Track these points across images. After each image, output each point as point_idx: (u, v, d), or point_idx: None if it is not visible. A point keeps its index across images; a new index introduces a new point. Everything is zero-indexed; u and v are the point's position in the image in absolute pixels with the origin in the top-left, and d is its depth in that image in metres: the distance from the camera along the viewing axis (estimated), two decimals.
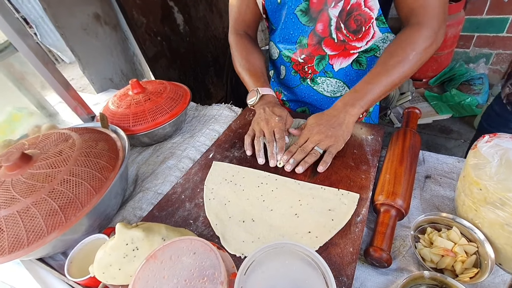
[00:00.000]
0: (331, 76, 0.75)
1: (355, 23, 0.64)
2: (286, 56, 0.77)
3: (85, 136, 0.60)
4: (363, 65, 0.71)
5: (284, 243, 0.27)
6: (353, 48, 0.68)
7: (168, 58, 1.69)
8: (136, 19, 1.42)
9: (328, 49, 0.69)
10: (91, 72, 1.25)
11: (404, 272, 0.44)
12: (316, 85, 0.78)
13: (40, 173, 0.50)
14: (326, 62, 0.72)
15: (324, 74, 0.75)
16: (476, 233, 0.44)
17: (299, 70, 0.77)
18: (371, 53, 0.69)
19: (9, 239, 0.45)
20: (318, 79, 0.76)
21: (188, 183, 0.62)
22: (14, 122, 0.86)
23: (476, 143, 0.47)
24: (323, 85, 0.77)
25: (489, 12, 1.80)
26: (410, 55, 0.58)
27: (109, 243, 0.42)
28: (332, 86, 0.76)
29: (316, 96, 0.80)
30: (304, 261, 0.27)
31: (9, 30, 0.62)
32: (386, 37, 0.67)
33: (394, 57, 0.59)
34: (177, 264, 0.26)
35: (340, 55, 0.70)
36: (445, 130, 1.68)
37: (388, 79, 0.59)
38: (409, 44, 0.58)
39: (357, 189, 0.53)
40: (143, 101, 0.74)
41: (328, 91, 0.78)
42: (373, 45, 0.68)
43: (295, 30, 0.70)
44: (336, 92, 0.78)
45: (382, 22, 0.64)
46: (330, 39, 0.68)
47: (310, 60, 0.73)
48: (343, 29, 0.65)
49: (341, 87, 0.76)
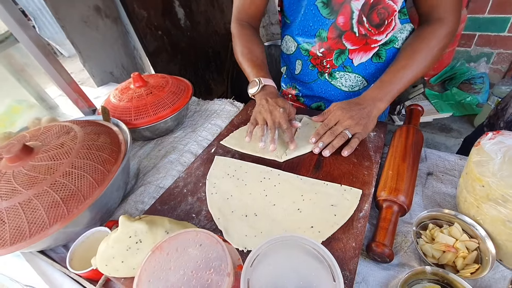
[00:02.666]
0: (350, 71, 0.73)
1: (378, 16, 0.63)
2: (304, 50, 0.75)
3: (87, 129, 0.59)
4: (383, 58, 0.70)
5: (290, 236, 0.27)
6: (374, 42, 0.67)
7: (168, 53, 1.68)
8: (137, 13, 1.41)
9: (348, 43, 0.68)
10: (92, 65, 1.24)
11: (405, 267, 0.44)
12: (334, 80, 0.77)
13: (41, 165, 0.49)
14: (346, 56, 0.71)
15: (343, 68, 0.73)
16: (477, 230, 0.44)
17: (317, 64, 0.76)
18: (390, 45, 0.68)
19: (10, 230, 0.44)
20: (336, 73, 0.75)
21: (190, 177, 0.61)
22: (13, 115, 0.86)
23: (480, 140, 0.47)
24: (341, 79, 0.76)
25: (491, 11, 1.79)
26: (435, 49, 0.60)
27: (112, 235, 0.42)
28: (351, 81, 0.75)
29: (334, 91, 0.79)
30: (310, 254, 0.27)
31: (10, 20, 0.61)
32: (404, 27, 0.66)
33: (419, 52, 0.60)
34: (183, 256, 0.26)
35: (360, 49, 0.69)
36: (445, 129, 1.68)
37: (413, 73, 0.60)
38: (433, 39, 0.60)
39: (359, 185, 0.53)
40: (145, 94, 0.74)
41: (346, 86, 0.77)
42: (392, 37, 0.67)
43: (315, 22, 0.68)
44: (354, 87, 0.76)
45: (404, 14, 0.64)
46: (351, 33, 0.66)
47: (329, 54, 0.72)
48: (365, 23, 0.64)
49: (359, 81, 0.75)
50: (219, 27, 2.03)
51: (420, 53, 0.60)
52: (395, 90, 0.61)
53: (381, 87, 0.61)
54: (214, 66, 2.10)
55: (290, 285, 0.24)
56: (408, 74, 0.60)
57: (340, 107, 0.62)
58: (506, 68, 1.92)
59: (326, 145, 0.60)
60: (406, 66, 0.60)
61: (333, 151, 0.60)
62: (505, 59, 1.90)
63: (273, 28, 2.52)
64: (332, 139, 0.60)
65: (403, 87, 0.61)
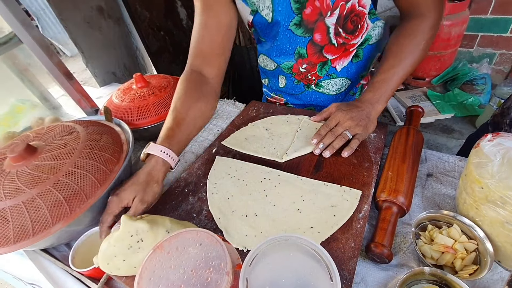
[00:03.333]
0: (335, 77, 0.75)
1: (352, 24, 0.64)
2: (286, 68, 0.76)
3: (89, 129, 0.60)
4: (360, 56, 0.72)
5: (288, 236, 0.28)
6: (352, 46, 0.69)
7: (170, 53, 1.69)
8: (139, 13, 1.42)
9: (329, 54, 0.70)
10: (94, 65, 1.25)
11: (404, 268, 0.45)
12: (321, 88, 0.78)
13: (45, 165, 0.50)
14: (329, 66, 0.72)
15: (328, 77, 0.75)
16: (476, 231, 0.44)
17: (302, 79, 0.77)
18: (365, 44, 0.70)
19: (14, 229, 0.45)
20: (322, 82, 0.76)
21: (191, 177, 0.62)
22: (17, 114, 0.87)
23: (479, 142, 0.48)
24: (328, 86, 0.77)
25: (493, 12, 1.79)
26: (421, 44, 0.60)
27: (114, 234, 0.42)
28: (337, 85, 0.77)
29: (322, 97, 0.81)
30: (308, 254, 0.27)
31: (14, 21, 0.62)
32: (376, 24, 0.68)
33: (405, 48, 0.61)
34: (183, 255, 0.26)
35: (341, 56, 0.71)
36: (447, 130, 1.67)
37: (404, 70, 0.61)
38: (418, 34, 0.61)
39: (359, 186, 0.54)
40: (147, 95, 0.74)
41: (333, 90, 0.78)
42: (366, 36, 0.69)
43: (291, 43, 0.69)
44: (341, 89, 0.78)
45: (373, 14, 0.65)
46: (330, 46, 0.68)
47: (312, 68, 0.73)
48: (342, 33, 0.66)
49: (345, 83, 0.77)
50: None
51: (406, 49, 0.61)
52: (389, 90, 0.62)
53: (375, 89, 0.62)
54: None
55: (288, 284, 0.25)
56: (399, 72, 0.61)
57: (340, 108, 0.62)
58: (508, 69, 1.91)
59: (327, 146, 0.61)
60: (395, 65, 0.61)
61: (334, 152, 0.60)
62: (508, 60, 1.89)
63: None
64: (333, 140, 0.61)
65: (396, 85, 0.62)
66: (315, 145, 0.61)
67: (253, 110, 0.82)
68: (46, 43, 0.68)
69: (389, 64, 0.62)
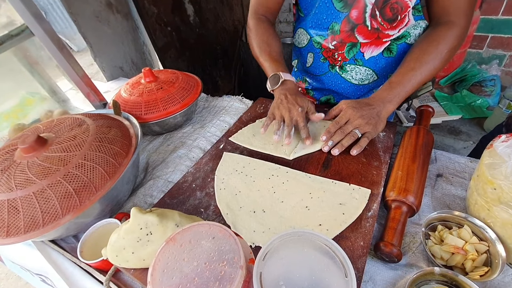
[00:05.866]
0: (361, 64, 0.73)
1: (391, 11, 0.63)
2: (316, 42, 0.76)
3: (98, 122, 0.60)
4: (393, 52, 0.70)
5: (302, 232, 0.28)
6: (386, 36, 0.67)
7: (177, 49, 1.69)
8: (147, 9, 1.42)
9: (360, 36, 0.68)
10: (102, 59, 1.25)
11: (413, 267, 0.44)
12: (345, 73, 0.77)
13: (55, 156, 0.50)
14: (357, 49, 0.71)
15: (354, 62, 0.74)
16: (487, 232, 0.44)
17: (328, 57, 0.76)
18: (402, 40, 0.68)
19: (25, 219, 0.46)
20: (347, 66, 0.75)
21: (199, 173, 0.62)
22: (26, 107, 0.87)
23: (492, 143, 0.47)
24: (352, 72, 0.76)
25: (505, 12, 1.76)
26: (444, 52, 0.60)
27: (123, 226, 0.42)
28: (361, 74, 0.75)
29: (344, 84, 0.80)
30: (321, 250, 0.27)
31: (26, 13, 0.62)
32: (418, 23, 0.66)
33: (428, 54, 0.60)
34: (196, 248, 0.26)
35: (372, 43, 0.69)
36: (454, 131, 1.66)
37: (422, 75, 0.60)
38: (442, 41, 0.60)
39: (368, 185, 0.53)
40: (155, 89, 0.74)
41: (356, 79, 0.77)
42: (405, 32, 0.67)
43: (328, 15, 0.69)
44: (364, 80, 0.76)
45: (418, 10, 0.63)
46: (363, 26, 0.67)
47: (341, 47, 0.72)
48: (378, 17, 0.64)
49: (369, 75, 0.75)
50: (227, 24, 2.03)
51: (429, 55, 0.60)
52: (404, 92, 0.61)
53: (390, 89, 0.61)
54: (222, 63, 2.10)
55: (301, 280, 0.25)
56: (417, 76, 0.60)
57: (350, 106, 0.61)
58: None
59: (336, 144, 0.60)
60: (415, 68, 0.60)
61: (342, 150, 0.60)
62: None
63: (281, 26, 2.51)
64: (342, 137, 0.60)
65: (411, 89, 0.61)
66: (324, 142, 0.61)
67: (261, 107, 0.81)
68: (57, 36, 0.69)
69: (408, 67, 0.61)
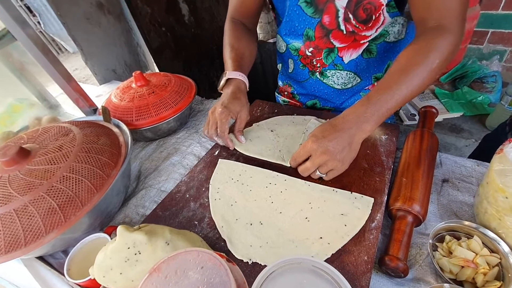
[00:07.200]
0: (341, 69, 0.71)
1: (365, 12, 0.59)
2: (293, 50, 0.73)
3: (86, 131, 0.57)
4: (373, 53, 0.67)
5: (301, 259, 0.25)
6: (363, 38, 0.64)
7: (172, 50, 1.65)
8: (140, 9, 1.38)
9: (336, 41, 0.66)
10: (94, 63, 1.22)
11: (421, 282, 0.42)
12: (326, 79, 0.74)
13: (38, 169, 0.47)
14: (335, 54, 0.68)
15: (333, 67, 0.71)
16: (500, 244, 0.41)
17: (307, 63, 0.74)
18: (380, 40, 0.65)
19: (5, 238, 0.43)
20: (327, 72, 0.72)
21: (193, 182, 0.59)
22: (14, 114, 0.84)
23: (502, 147, 0.44)
24: (333, 78, 0.73)
25: (505, 7, 1.73)
26: (434, 63, 0.50)
27: (110, 246, 0.40)
28: (343, 78, 0.73)
29: (326, 90, 0.77)
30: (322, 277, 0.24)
31: (7, 17, 0.59)
32: (395, 20, 0.62)
33: (415, 65, 0.51)
34: (183, 280, 0.24)
35: (349, 46, 0.66)
36: (456, 129, 1.63)
37: (408, 89, 0.51)
38: (432, 50, 0.50)
39: (371, 193, 0.50)
40: (146, 94, 0.71)
41: (338, 84, 0.74)
42: (383, 31, 0.63)
43: (300, 22, 0.66)
44: (347, 84, 0.74)
45: (392, 7, 0.59)
46: (338, 31, 0.64)
47: (318, 53, 0.69)
48: (352, 20, 0.61)
49: (352, 78, 0.72)
50: (223, 23, 1.99)
51: (417, 66, 0.51)
52: (385, 110, 0.51)
53: (368, 105, 0.51)
54: (218, 63, 2.07)
55: None
56: (402, 91, 0.50)
57: (314, 135, 0.53)
58: None
59: None
60: (399, 82, 0.51)
61: None
62: None
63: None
64: (305, 175, 0.55)
65: (395, 106, 0.51)
66: None
67: (257, 109, 0.79)
68: (41, 41, 0.65)
69: (392, 80, 0.52)
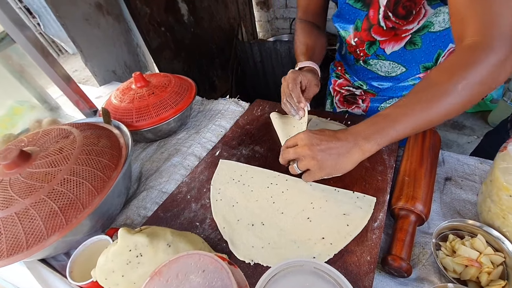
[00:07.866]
0: (384, 59, 0.70)
1: (404, 9, 0.58)
2: (342, 37, 0.74)
3: (86, 133, 0.57)
4: (418, 44, 0.65)
5: (304, 261, 0.25)
6: (404, 32, 0.63)
7: (172, 50, 1.65)
8: (139, 9, 1.38)
9: (377, 35, 0.65)
10: (94, 64, 1.22)
11: (424, 282, 0.41)
12: (370, 66, 0.74)
13: (39, 172, 0.47)
14: (377, 46, 0.68)
15: (376, 57, 0.71)
16: (504, 243, 0.41)
17: (352, 51, 0.75)
18: (424, 31, 0.62)
19: (7, 242, 0.43)
20: (370, 61, 0.73)
21: (194, 182, 0.59)
22: (15, 116, 0.84)
23: (506, 145, 0.44)
24: (376, 66, 0.73)
25: None
26: (459, 85, 0.41)
27: (112, 248, 0.40)
28: (386, 67, 0.72)
29: (371, 75, 0.77)
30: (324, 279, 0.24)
31: (6, 20, 0.59)
32: (439, 10, 0.59)
33: (435, 86, 0.43)
34: (184, 284, 0.23)
35: (390, 40, 0.65)
36: (458, 126, 1.62)
37: (422, 115, 0.44)
38: (459, 70, 0.42)
39: (373, 192, 0.50)
40: (146, 95, 0.71)
41: (382, 71, 0.74)
42: (426, 23, 0.61)
43: (351, 14, 0.67)
44: (391, 73, 0.73)
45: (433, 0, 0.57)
46: (378, 27, 0.63)
47: (361, 44, 0.70)
48: (392, 17, 0.60)
49: (396, 68, 0.71)
50: (223, 22, 1.98)
51: (436, 87, 0.43)
52: (393, 131, 0.45)
53: (371, 123, 0.47)
54: (218, 63, 2.06)
55: None
56: (416, 115, 0.44)
57: (310, 130, 0.51)
58: None
59: None
60: (412, 105, 0.45)
61: None
62: None
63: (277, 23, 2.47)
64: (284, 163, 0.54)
65: (405, 130, 0.45)
66: None
67: (258, 109, 0.78)
68: (40, 43, 0.65)
69: (406, 102, 0.46)
